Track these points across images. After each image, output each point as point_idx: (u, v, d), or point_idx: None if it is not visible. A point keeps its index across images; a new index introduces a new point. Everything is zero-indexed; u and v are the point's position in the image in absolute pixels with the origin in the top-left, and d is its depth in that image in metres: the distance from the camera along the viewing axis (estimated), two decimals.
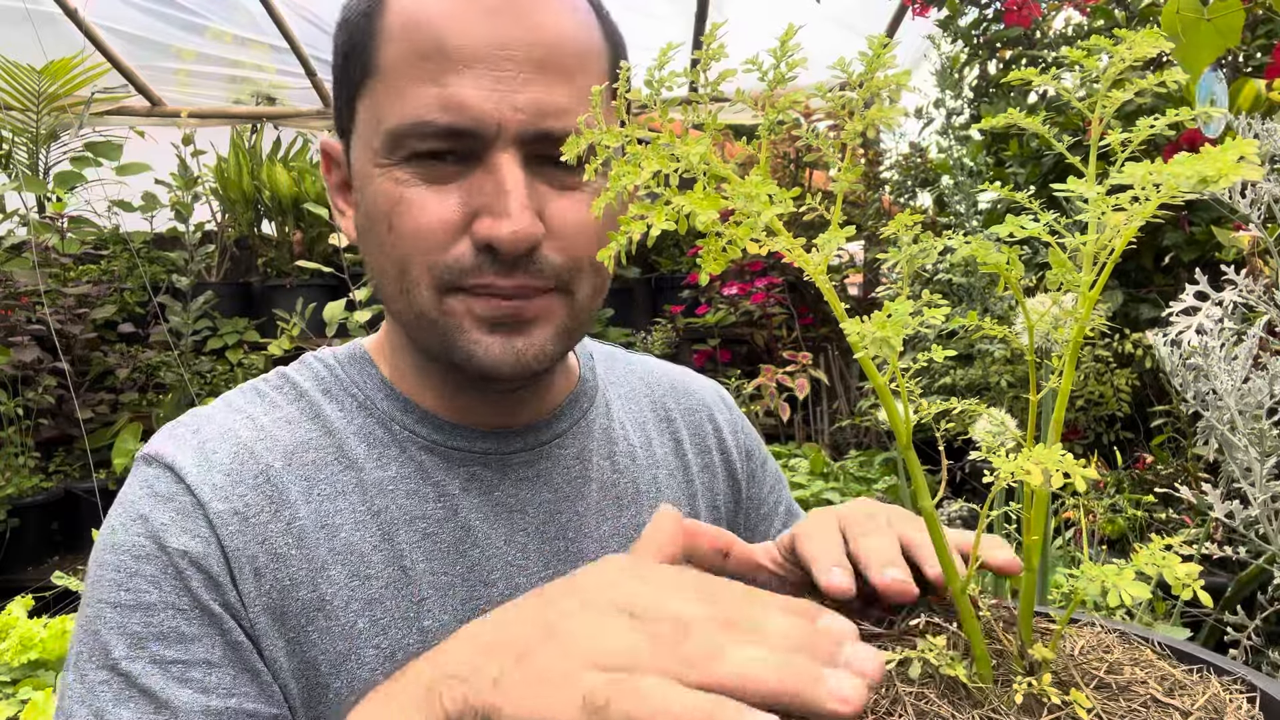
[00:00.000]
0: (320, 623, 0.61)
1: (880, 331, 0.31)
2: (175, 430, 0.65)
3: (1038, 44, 2.48)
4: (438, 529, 0.66)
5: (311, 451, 0.65)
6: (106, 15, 3.68)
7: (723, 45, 0.34)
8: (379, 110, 0.61)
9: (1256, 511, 0.99)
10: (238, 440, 0.64)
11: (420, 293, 0.61)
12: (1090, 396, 2.06)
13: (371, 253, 0.64)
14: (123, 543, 0.59)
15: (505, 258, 0.59)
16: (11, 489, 3.05)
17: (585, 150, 0.36)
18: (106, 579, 0.58)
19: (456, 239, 0.60)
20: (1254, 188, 1.10)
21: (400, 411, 0.69)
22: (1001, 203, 2.38)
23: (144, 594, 0.57)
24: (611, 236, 0.33)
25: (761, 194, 0.32)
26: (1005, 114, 0.41)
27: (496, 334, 0.61)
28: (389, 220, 0.61)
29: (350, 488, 0.65)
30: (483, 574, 0.67)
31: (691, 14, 3.77)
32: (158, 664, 0.56)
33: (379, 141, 0.61)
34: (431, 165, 0.60)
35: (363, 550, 0.63)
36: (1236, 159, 0.28)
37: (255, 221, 3.92)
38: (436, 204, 0.60)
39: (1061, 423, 0.40)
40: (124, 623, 0.57)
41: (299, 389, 0.69)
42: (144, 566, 0.58)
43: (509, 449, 0.70)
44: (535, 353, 0.62)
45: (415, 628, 0.63)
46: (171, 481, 0.61)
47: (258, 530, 0.60)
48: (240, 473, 0.62)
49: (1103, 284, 0.36)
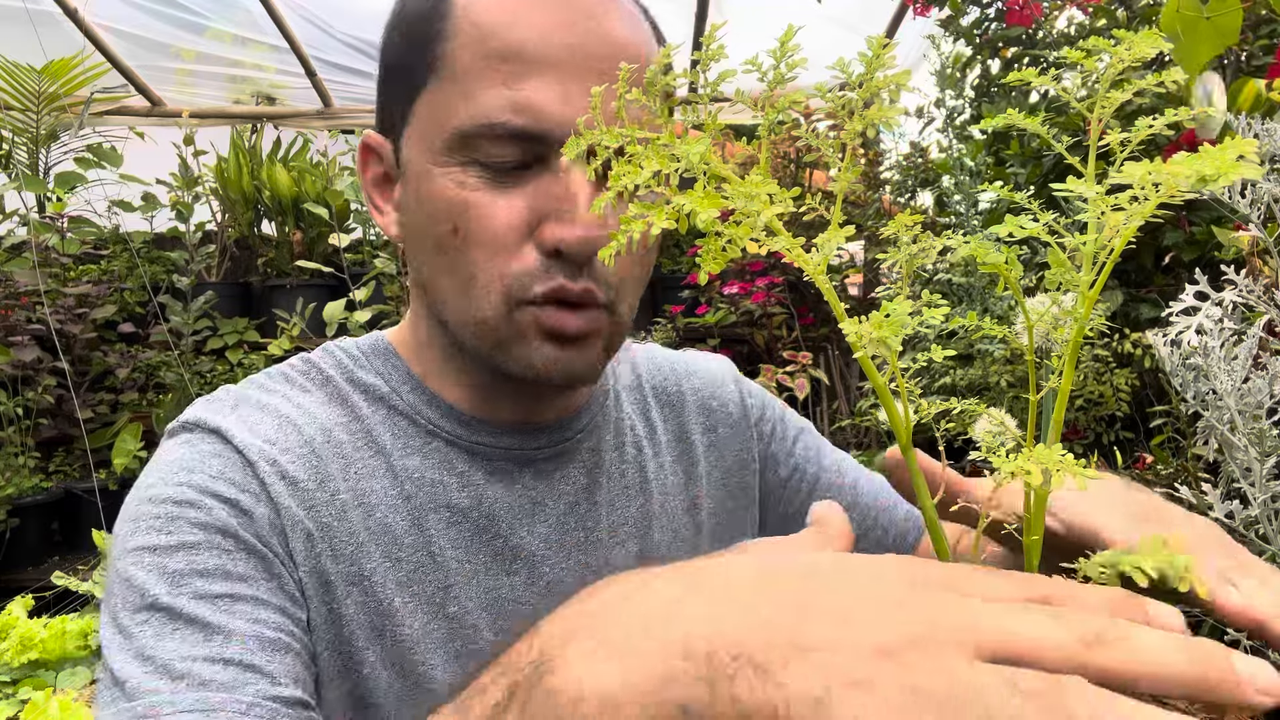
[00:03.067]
0: (358, 596, 0.61)
1: (878, 332, 0.31)
2: (211, 404, 0.64)
3: (1039, 44, 2.48)
4: (462, 518, 0.67)
5: (344, 433, 0.65)
6: (106, 15, 3.68)
7: (722, 46, 0.34)
8: (445, 109, 0.61)
9: (1256, 511, 1.00)
10: (278, 413, 0.63)
11: (489, 300, 0.61)
12: (1090, 396, 2.06)
13: (426, 253, 0.64)
14: (162, 494, 0.56)
15: (573, 261, 0.60)
16: (11, 489, 3.05)
17: (584, 151, 0.36)
18: (144, 526, 0.54)
19: (525, 243, 0.60)
20: (1254, 187, 1.10)
21: (425, 405, 0.69)
22: (1002, 203, 2.38)
23: (186, 535, 0.54)
24: (612, 235, 0.34)
25: (761, 194, 0.32)
26: (1005, 114, 0.41)
27: (553, 344, 0.62)
28: (454, 223, 0.61)
29: (381, 471, 0.65)
30: (505, 564, 0.67)
31: (692, 14, 3.78)
32: (203, 598, 0.52)
33: (442, 141, 0.61)
34: (497, 168, 0.60)
35: (396, 532, 0.64)
36: (1235, 158, 0.28)
37: (255, 221, 3.92)
38: (504, 208, 0.60)
39: (1061, 422, 0.40)
40: (163, 563, 0.53)
41: (324, 374, 0.69)
42: (188, 511, 0.55)
43: (533, 445, 0.71)
44: (585, 367, 0.63)
45: (441, 614, 0.64)
46: (218, 442, 0.59)
47: (305, 497, 0.60)
48: (285, 442, 0.62)
49: (1102, 284, 0.36)
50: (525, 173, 0.60)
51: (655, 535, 0.76)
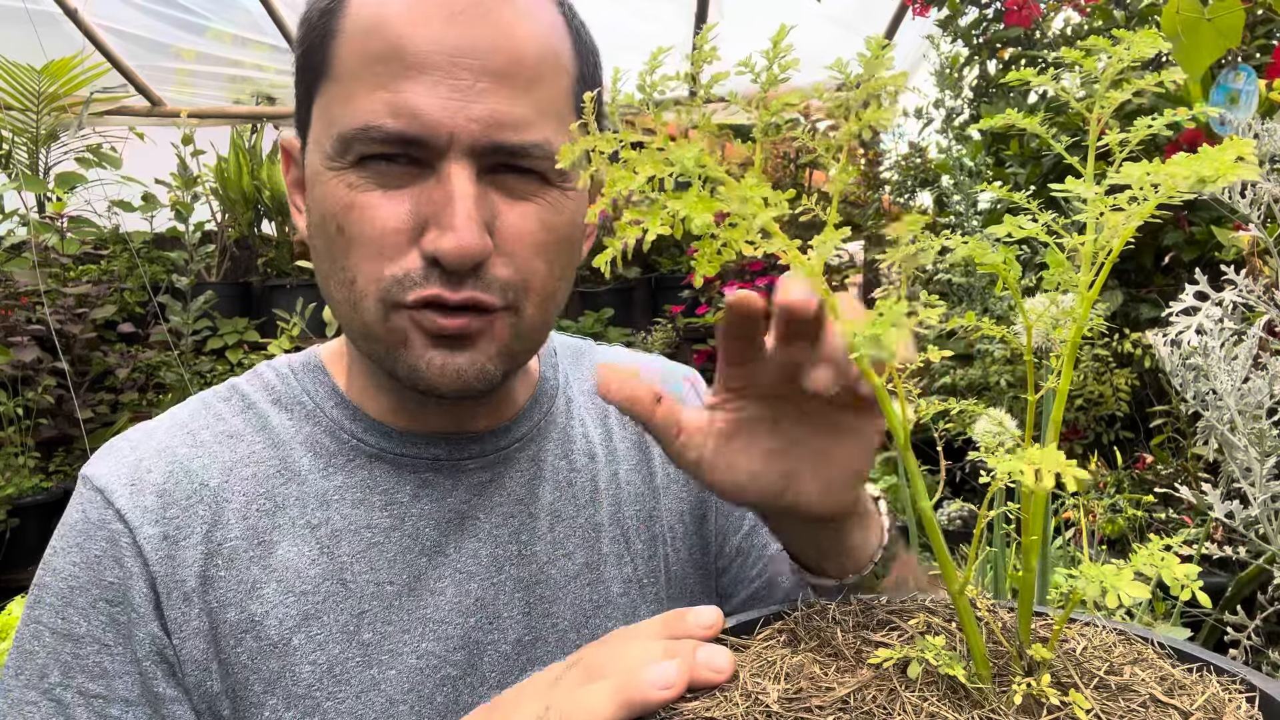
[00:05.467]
0: (249, 643, 0.61)
1: (873, 331, 0.31)
2: (116, 445, 0.66)
3: (1038, 44, 2.48)
4: (384, 538, 0.65)
5: (250, 466, 0.65)
6: (106, 15, 3.68)
7: (715, 48, 0.34)
8: (331, 112, 0.59)
9: (1256, 511, 0.99)
10: (174, 459, 0.64)
11: (367, 305, 0.59)
12: (1090, 396, 2.06)
13: (320, 255, 0.62)
14: (61, 568, 0.62)
15: (455, 270, 0.58)
16: (11, 489, 3.05)
17: (579, 157, 0.36)
18: (45, 601, 0.62)
19: (407, 247, 0.58)
20: (1254, 188, 1.10)
21: (349, 420, 0.68)
22: (1002, 203, 2.38)
23: (75, 625, 0.60)
24: (608, 242, 0.33)
25: (756, 196, 0.32)
26: (1003, 114, 0.41)
27: (439, 349, 0.60)
28: (338, 223, 0.59)
29: (290, 501, 0.65)
30: (430, 583, 0.66)
31: (692, 15, 3.77)
32: (84, 696, 0.59)
33: (330, 144, 0.59)
34: (384, 169, 0.58)
35: (299, 565, 0.63)
36: (1233, 159, 0.28)
37: (255, 221, 3.92)
38: (388, 209, 0.58)
39: (1060, 422, 0.40)
40: (58, 649, 0.60)
41: (247, 400, 0.69)
42: (77, 598, 0.61)
43: (462, 455, 0.69)
44: (476, 372, 0.61)
45: (355, 641, 0.63)
46: (102, 507, 0.62)
47: (186, 554, 0.61)
48: (173, 494, 0.63)
49: (1101, 284, 0.36)
50: (412, 171, 0.58)
51: (605, 546, 0.73)
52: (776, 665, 0.42)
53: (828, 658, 0.43)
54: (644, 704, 0.40)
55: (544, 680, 0.48)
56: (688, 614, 0.45)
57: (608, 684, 0.41)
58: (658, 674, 0.40)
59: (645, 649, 0.43)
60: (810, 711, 0.37)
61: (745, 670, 0.42)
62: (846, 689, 0.39)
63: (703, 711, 0.39)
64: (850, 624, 0.46)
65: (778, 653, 0.44)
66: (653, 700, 0.39)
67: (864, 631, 0.46)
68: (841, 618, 0.47)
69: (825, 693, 0.39)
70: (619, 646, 0.45)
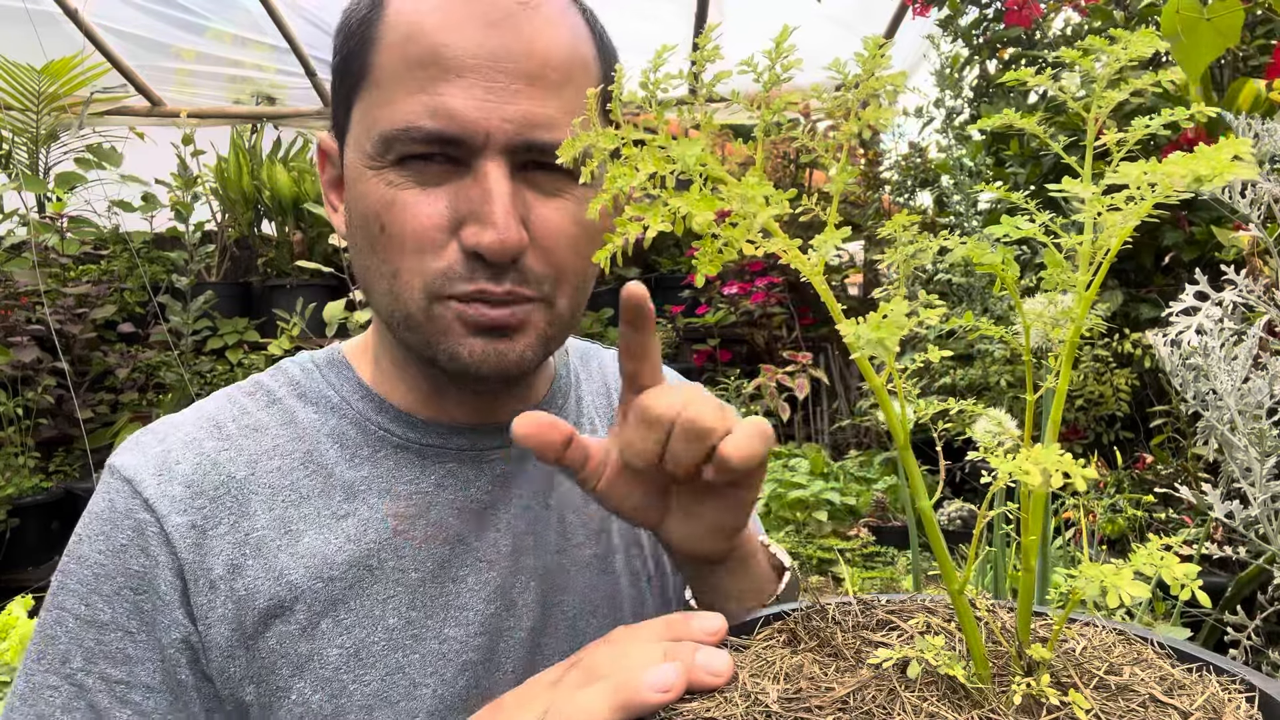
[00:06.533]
0: (278, 627, 0.62)
1: (875, 333, 0.31)
2: (141, 439, 0.67)
3: (1038, 44, 2.48)
4: (408, 526, 0.67)
5: (277, 459, 0.67)
6: (106, 15, 3.68)
7: (717, 47, 0.34)
8: (372, 114, 0.62)
9: (1256, 511, 1.00)
10: (201, 451, 0.66)
11: (411, 296, 0.62)
12: (1090, 396, 2.06)
13: (362, 251, 0.65)
14: (86, 556, 0.63)
15: (495, 263, 0.61)
16: (11, 489, 3.05)
17: (581, 153, 0.36)
18: (70, 587, 0.62)
19: (447, 242, 0.61)
20: (1254, 188, 1.10)
21: (374, 411, 0.70)
22: (1002, 203, 2.38)
23: (99, 612, 0.61)
24: (608, 238, 0.33)
25: (758, 195, 0.32)
26: (1002, 114, 0.41)
27: (479, 337, 0.63)
28: (380, 221, 0.62)
29: (316, 492, 0.66)
30: (451, 570, 0.68)
31: (692, 15, 3.78)
32: (106, 681, 0.61)
33: (371, 145, 0.62)
34: (422, 167, 0.61)
35: (326, 553, 0.65)
36: (1230, 158, 0.28)
37: (255, 221, 3.92)
38: (427, 205, 0.61)
39: (1059, 422, 0.40)
40: (81, 635, 0.61)
41: (272, 394, 0.71)
42: (102, 585, 0.62)
43: (486, 445, 0.72)
44: (515, 358, 0.63)
45: (380, 626, 0.65)
46: (129, 496, 0.63)
47: (214, 543, 0.63)
48: (201, 484, 0.64)
49: (1099, 284, 0.36)
50: (449, 170, 0.61)
51: (615, 539, 0.77)
52: (776, 665, 0.42)
53: (827, 658, 0.43)
54: (641, 706, 0.40)
55: (545, 681, 0.49)
56: (692, 618, 0.46)
57: (606, 686, 0.42)
58: (656, 677, 0.40)
59: (645, 651, 0.44)
60: (810, 712, 0.37)
61: (745, 670, 0.42)
62: (846, 689, 0.39)
63: (702, 712, 0.39)
64: (849, 624, 0.47)
65: (777, 653, 0.44)
66: (650, 703, 0.40)
67: (863, 631, 0.46)
68: (841, 618, 0.47)
69: (825, 693, 0.39)
70: (620, 647, 0.46)
